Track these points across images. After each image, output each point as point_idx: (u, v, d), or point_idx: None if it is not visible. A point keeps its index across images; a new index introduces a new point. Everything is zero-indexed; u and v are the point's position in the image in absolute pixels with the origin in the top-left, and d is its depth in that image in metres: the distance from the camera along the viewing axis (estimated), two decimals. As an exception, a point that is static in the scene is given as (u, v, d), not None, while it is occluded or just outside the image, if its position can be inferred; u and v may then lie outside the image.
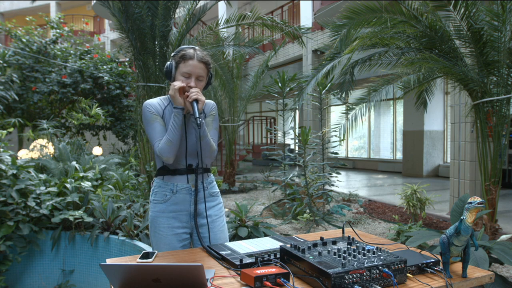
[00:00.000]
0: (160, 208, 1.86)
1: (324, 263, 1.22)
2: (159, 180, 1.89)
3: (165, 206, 1.86)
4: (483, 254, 2.38)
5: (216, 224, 1.92)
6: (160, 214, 1.86)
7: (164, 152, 1.77)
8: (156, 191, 1.88)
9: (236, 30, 6.32)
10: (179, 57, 1.81)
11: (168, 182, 1.86)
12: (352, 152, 14.37)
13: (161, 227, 1.85)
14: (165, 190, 1.86)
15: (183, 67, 1.79)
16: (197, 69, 1.79)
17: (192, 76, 1.79)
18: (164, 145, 1.77)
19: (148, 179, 5.10)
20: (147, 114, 1.83)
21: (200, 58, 1.81)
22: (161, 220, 1.85)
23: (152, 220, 1.88)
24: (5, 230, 3.09)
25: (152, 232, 1.88)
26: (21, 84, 9.10)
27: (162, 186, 1.87)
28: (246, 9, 14.71)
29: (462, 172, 5.45)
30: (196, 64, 1.79)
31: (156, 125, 1.81)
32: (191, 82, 1.79)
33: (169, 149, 1.76)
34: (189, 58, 1.79)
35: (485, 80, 3.56)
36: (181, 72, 1.79)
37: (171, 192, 1.85)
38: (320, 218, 5.19)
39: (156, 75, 5.15)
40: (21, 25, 11.08)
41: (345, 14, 3.92)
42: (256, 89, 8.64)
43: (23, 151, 5.92)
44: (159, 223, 1.85)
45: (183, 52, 1.81)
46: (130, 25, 4.91)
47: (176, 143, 1.77)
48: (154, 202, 1.88)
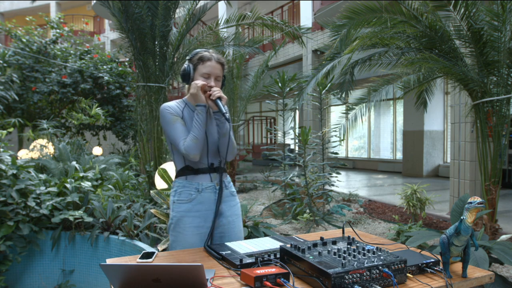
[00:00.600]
0: (185, 208, 1.86)
1: (324, 263, 1.22)
2: (182, 180, 1.90)
3: (191, 206, 1.86)
4: (483, 254, 2.38)
5: (236, 223, 1.97)
6: (186, 213, 1.85)
7: (191, 149, 1.79)
8: (180, 191, 1.88)
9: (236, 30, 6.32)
10: (197, 59, 1.87)
11: (192, 181, 1.88)
12: (352, 152, 14.37)
13: (187, 227, 1.84)
14: (190, 190, 1.87)
15: (202, 68, 1.85)
16: (215, 69, 1.86)
17: (211, 77, 1.86)
18: (190, 142, 1.79)
19: (148, 179, 5.09)
20: (167, 115, 1.85)
21: (217, 59, 1.88)
22: (187, 220, 1.85)
23: (177, 220, 1.86)
24: (5, 230, 3.09)
25: (175, 233, 1.87)
26: (21, 84, 9.10)
27: (186, 186, 1.88)
28: (246, 9, 14.71)
29: (462, 172, 5.45)
30: (214, 65, 1.86)
31: (178, 125, 1.84)
32: (211, 82, 1.85)
33: (196, 146, 1.79)
34: (207, 59, 1.86)
35: (485, 80, 3.56)
36: (200, 73, 1.86)
37: (197, 191, 1.87)
38: (320, 218, 5.19)
39: (156, 75, 5.15)
40: (21, 25, 11.09)
41: (345, 14, 3.92)
42: (256, 89, 8.65)
43: (23, 151, 5.93)
44: (185, 223, 1.85)
45: (200, 55, 1.88)
46: (130, 25, 4.91)
47: (201, 140, 1.81)
48: (178, 202, 1.87)
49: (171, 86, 11.97)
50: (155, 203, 4.21)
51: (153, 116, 5.19)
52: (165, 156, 5.29)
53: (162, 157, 5.17)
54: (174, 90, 13.41)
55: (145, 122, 5.27)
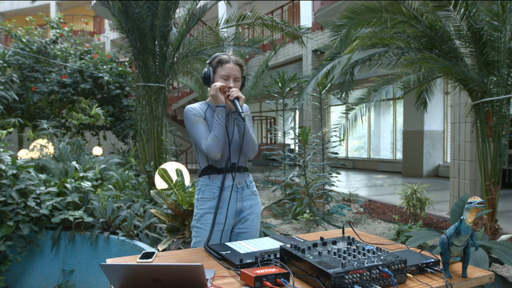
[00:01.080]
0: (209, 205, 1.95)
1: (324, 263, 1.22)
2: (205, 179, 1.99)
3: (214, 203, 1.94)
4: (483, 254, 2.38)
5: (255, 222, 2.04)
6: (210, 210, 1.94)
7: (212, 148, 1.87)
8: (204, 189, 1.97)
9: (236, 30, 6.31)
10: (216, 62, 1.96)
11: (215, 180, 1.96)
12: (352, 152, 14.37)
13: (209, 223, 1.92)
14: (213, 188, 1.96)
15: (221, 70, 1.94)
16: (234, 71, 1.94)
17: (230, 78, 1.94)
18: (211, 141, 1.88)
19: (148, 179, 5.09)
20: (191, 116, 1.95)
21: (235, 61, 1.96)
22: (210, 216, 1.93)
23: (200, 217, 1.96)
24: (5, 230, 3.09)
25: (197, 229, 1.96)
26: (21, 84, 9.09)
27: (209, 184, 1.97)
28: (246, 9, 14.71)
29: (462, 172, 5.45)
30: (233, 66, 1.94)
31: (201, 126, 1.93)
32: (230, 83, 1.93)
33: (216, 144, 1.87)
34: (226, 62, 1.94)
35: (485, 80, 3.56)
36: (220, 75, 1.94)
37: (219, 189, 1.95)
38: (320, 218, 5.19)
39: (156, 75, 5.15)
40: (21, 25, 11.08)
41: (345, 14, 3.92)
42: (256, 89, 8.64)
43: (23, 151, 5.93)
44: (207, 219, 1.93)
45: (219, 58, 1.96)
46: (130, 25, 4.91)
47: (222, 139, 1.89)
48: (202, 200, 1.97)
49: (171, 86, 11.97)
50: (155, 203, 4.21)
51: (153, 116, 5.19)
52: (165, 156, 5.29)
53: (162, 157, 5.17)
54: (174, 90, 13.41)
55: (145, 122, 5.26)
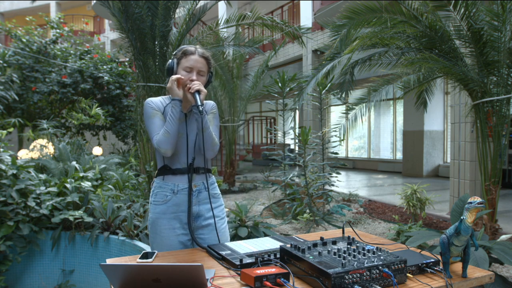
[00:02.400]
0: (160, 210, 1.83)
1: (324, 263, 1.22)
2: (159, 180, 1.87)
3: (166, 207, 1.83)
4: (483, 254, 2.38)
5: (218, 225, 1.89)
6: (161, 215, 1.83)
7: (162, 143, 1.76)
8: (157, 192, 1.86)
9: (236, 30, 6.32)
10: (181, 53, 1.85)
11: (169, 182, 1.84)
12: (352, 152, 14.37)
13: (162, 229, 1.82)
14: (166, 191, 1.84)
15: (184, 62, 1.83)
16: (198, 63, 1.83)
17: (194, 70, 1.82)
18: (161, 136, 1.76)
19: (148, 179, 5.09)
20: (148, 109, 1.84)
21: (201, 53, 1.85)
22: (162, 221, 1.83)
23: (153, 222, 1.85)
24: (5, 230, 3.09)
25: (153, 234, 1.86)
26: (21, 84, 9.09)
27: (162, 187, 1.85)
28: (246, 9, 14.71)
29: (462, 172, 5.45)
30: (197, 58, 1.83)
31: (156, 120, 1.82)
32: (193, 76, 1.82)
33: (167, 140, 1.75)
34: (191, 53, 1.83)
35: (485, 80, 3.56)
36: (182, 67, 1.83)
37: (172, 192, 1.83)
38: (320, 218, 5.19)
39: (156, 75, 5.15)
40: (21, 25, 11.08)
41: (345, 14, 3.92)
42: (256, 89, 8.64)
43: (23, 151, 5.92)
44: (160, 225, 1.83)
45: (184, 49, 1.86)
46: (130, 25, 4.91)
47: (173, 135, 1.77)
48: (154, 204, 1.85)
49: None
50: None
51: (153, 116, 5.18)
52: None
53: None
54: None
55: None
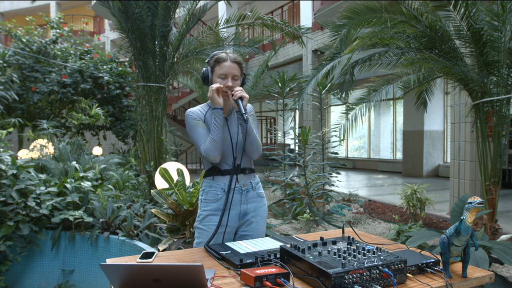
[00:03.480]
0: (212, 207, 1.93)
1: (324, 263, 1.22)
2: (209, 180, 1.97)
3: (217, 205, 1.93)
4: (483, 254, 2.38)
5: (260, 225, 2.01)
6: (213, 212, 1.93)
7: (210, 151, 1.85)
8: (208, 191, 1.96)
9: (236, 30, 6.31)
10: (214, 61, 1.92)
11: (219, 181, 1.95)
12: (352, 152, 14.37)
13: (211, 225, 1.91)
14: (217, 190, 1.94)
15: (218, 69, 1.90)
16: (232, 69, 1.90)
17: (228, 77, 1.90)
18: (208, 145, 1.85)
19: (148, 179, 5.09)
20: (190, 120, 1.94)
21: (233, 59, 1.92)
22: (212, 218, 1.92)
23: (203, 218, 1.95)
24: (5, 230, 3.09)
25: (200, 230, 1.95)
26: (21, 84, 9.09)
27: (213, 186, 1.95)
28: (246, 9, 14.71)
29: (462, 172, 5.45)
30: (230, 64, 1.90)
31: (200, 129, 1.92)
32: (228, 82, 1.89)
33: (214, 148, 1.85)
34: (223, 60, 1.90)
35: (485, 80, 3.56)
36: (217, 75, 1.90)
37: (223, 191, 1.93)
38: (320, 218, 5.19)
39: (156, 75, 5.15)
40: (21, 25, 11.08)
41: (345, 14, 3.92)
42: (256, 89, 8.63)
43: (23, 151, 5.93)
44: (209, 221, 1.92)
45: (216, 56, 1.92)
46: (130, 25, 4.91)
47: (219, 142, 1.86)
48: (205, 201, 1.96)
49: (171, 86, 11.97)
50: (155, 203, 4.21)
51: (153, 116, 5.19)
52: (165, 156, 5.29)
53: (162, 157, 5.17)
54: (174, 90, 13.41)
55: (145, 122, 5.27)
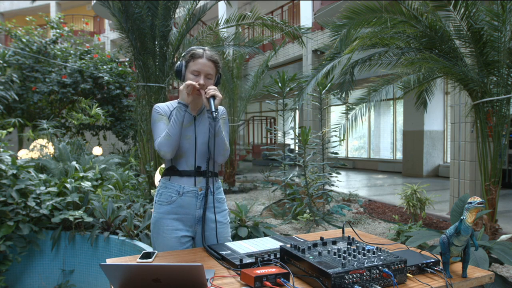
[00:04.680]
0: (164, 210, 1.84)
1: (324, 263, 1.22)
2: (166, 180, 1.87)
3: (170, 208, 1.83)
4: (483, 254, 2.38)
5: (220, 230, 1.90)
6: (165, 215, 1.83)
7: (162, 146, 1.76)
8: (162, 192, 1.86)
9: (236, 30, 6.32)
10: (189, 56, 1.84)
11: (175, 183, 1.84)
12: (352, 152, 14.37)
13: (165, 229, 1.83)
14: (171, 192, 1.84)
15: (192, 65, 1.82)
16: (206, 67, 1.82)
17: (201, 74, 1.82)
18: (162, 139, 1.77)
19: (148, 179, 5.09)
20: (154, 115, 1.86)
21: (209, 56, 1.84)
22: (165, 222, 1.83)
23: (156, 221, 1.85)
24: (5, 230, 3.09)
25: (155, 234, 1.86)
26: (21, 84, 9.09)
27: (168, 187, 1.85)
28: (246, 9, 14.71)
29: (462, 172, 5.45)
30: (205, 62, 1.82)
31: (161, 124, 1.83)
32: (200, 80, 1.81)
33: (167, 143, 1.76)
34: (198, 56, 1.82)
35: (485, 80, 3.56)
36: (190, 70, 1.82)
37: (177, 193, 1.83)
38: (320, 218, 5.19)
39: (156, 75, 5.15)
40: (21, 25, 11.08)
41: (345, 14, 3.92)
42: (256, 89, 8.64)
43: (23, 151, 5.92)
44: (163, 225, 1.83)
45: (192, 52, 1.85)
46: (130, 25, 4.91)
47: (174, 138, 1.77)
48: (158, 203, 1.86)
49: (171, 86, 11.95)
50: (155, 203, 4.20)
51: (153, 116, 5.18)
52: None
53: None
54: (174, 90, 13.39)
55: (145, 122, 5.27)
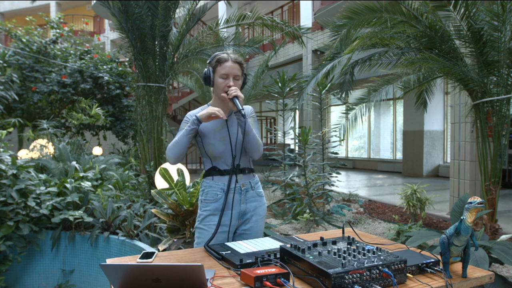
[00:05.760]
0: (212, 207, 1.95)
1: (324, 263, 1.22)
2: (209, 180, 1.98)
3: (217, 205, 1.94)
4: (483, 254, 2.38)
5: (259, 224, 2.03)
6: (213, 212, 1.94)
7: (168, 150, 1.89)
8: (207, 191, 1.97)
9: (236, 30, 6.31)
10: (215, 62, 1.94)
11: (219, 181, 1.96)
12: (352, 152, 14.37)
13: (211, 224, 1.93)
14: (216, 190, 1.95)
15: (220, 69, 1.92)
16: (233, 69, 1.92)
17: (230, 76, 1.92)
18: (170, 145, 1.89)
19: (148, 179, 5.09)
20: (183, 123, 1.97)
21: (234, 59, 1.94)
22: (212, 218, 1.94)
23: (203, 218, 1.96)
24: (5, 230, 3.09)
25: (200, 230, 1.96)
26: (21, 84, 9.09)
27: (212, 186, 1.96)
28: (246, 9, 14.71)
29: (462, 172, 5.45)
30: (232, 65, 1.92)
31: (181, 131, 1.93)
32: (230, 82, 1.91)
33: (173, 148, 1.87)
34: (225, 60, 1.92)
35: (485, 80, 3.56)
36: (219, 75, 1.92)
37: (222, 191, 1.94)
38: (320, 218, 5.19)
39: (156, 75, 5.15)
40: (21, 25, 11.08)
41: (345, 14, 3.92)
42: (256, 89, 8.63)
43: (23, 151, 5.93)
44: (210, 221, 1.94)
45: (218, 57, 1.94)
46: (130, 25, 4.91)
47: (181, 145, 1.87)
48: (205, 202, 1.97)
49: (171, 86, 11.96)
50: (155, 203, 4.21)
51: (153, 116, 5.19)
52: (165, 156, 5.28)
53: (162, 157, 5.17)
54: (174, 90, 13.41)
55: (145, 122, 5.27)
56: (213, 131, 1.96)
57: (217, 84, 1.93)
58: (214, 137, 1.95)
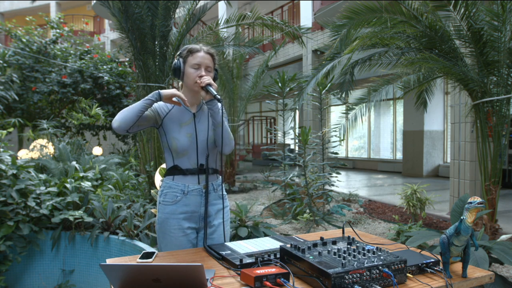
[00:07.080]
0: (170, 210, 1.83)
1: (324, 263, 1.22)
2: (169, 180, 1.86)
3: (176, 208, 1.83)
4: (483, 254, 2.38)
5: (222, 228, 1.92)
6: (171, 216, 1.83)
7: (118, 114, 1.74)
8: (166, 192, 1.85)
9: (236, 30, 6.32)
10: (187, 52, 1.87)
11: (179, 182, 1.84)
12: (352, 152, 14.37)
13: (172, 229, 1.82)
14: (176, 191, 1.83)
15: (191, 59, 1.85)
16: (205, 59, 1.86)
17: (202, 67, 1.84)
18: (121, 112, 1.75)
19: (148, 179, 5.09)
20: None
21: (206, 50, 1.88)
22: (172, 222, 1.83)
23: (162, 222, 1.85)
24: (5, 230, 3.09)
25: (161, 234, 1.86)
26: (21, 84, 9.09)
27: (172, 187, 1.84)
28: (246, 9, 14.71)
29: (462, 172, 5.45)
30: (204, 55, 1.85)
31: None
32: (202, 72, 1.84)
33: (123, 112, 1.73)
34: (197, 51, 1.86)
35: (485, 80, 3.56)
36: (190, 65, 1.84)
37: (182, 193, 1.83)
38: (320, 218, 5.19)
39: (156, 75, 5.15)
40: (21, 25, 11.08)
41: (345, 14, 3.92)
42: (256, 89, 8.64)
43: (23, 151, 5.92)
44: (170, 225, 1.83)
45: (189, 48, 1.87)
46: (130, 25, 4.91)
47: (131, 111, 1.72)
48: (163, 204, 1.85)
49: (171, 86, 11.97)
50: (155, 203, 4.21)
51: (153, 116, 5.18)
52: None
53: (162, 157, 5.17)
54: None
55: (145, 122, 5.26)
56: (180, 125, 1.85)
57: (188, 74, 1.84)
58: (179, 132, 1.84)
